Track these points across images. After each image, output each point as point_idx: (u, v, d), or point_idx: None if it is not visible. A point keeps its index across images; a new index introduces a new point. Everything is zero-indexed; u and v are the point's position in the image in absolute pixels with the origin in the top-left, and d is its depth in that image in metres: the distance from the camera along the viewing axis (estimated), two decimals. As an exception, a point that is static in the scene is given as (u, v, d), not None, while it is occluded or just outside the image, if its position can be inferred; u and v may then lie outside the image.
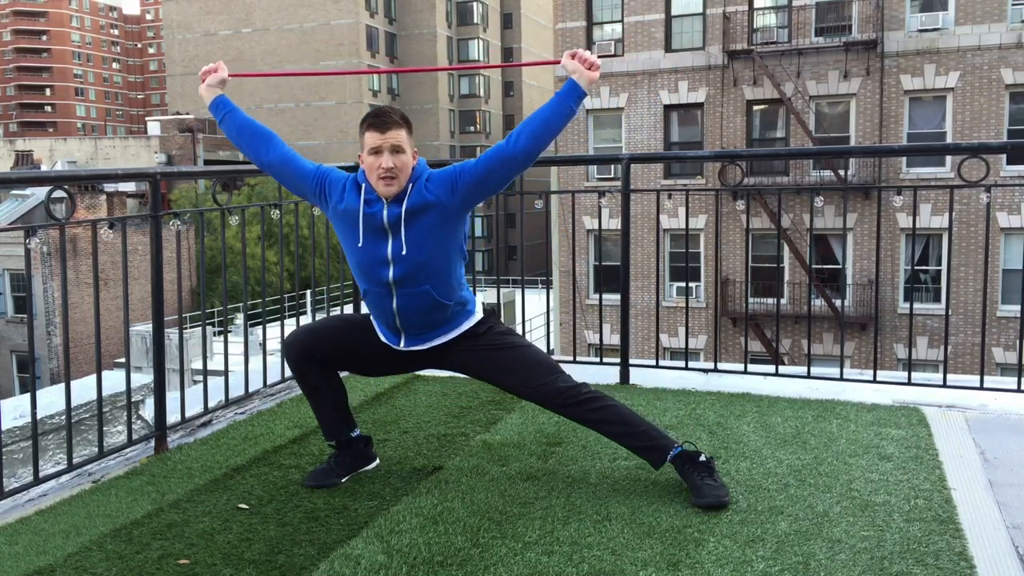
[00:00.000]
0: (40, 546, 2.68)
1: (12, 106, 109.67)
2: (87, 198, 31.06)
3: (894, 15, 21.32)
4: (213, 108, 3.20)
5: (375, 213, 2.95)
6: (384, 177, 2.91)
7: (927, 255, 21.60)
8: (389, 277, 2.97)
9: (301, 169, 3.10)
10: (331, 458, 3.19)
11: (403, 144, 2.92)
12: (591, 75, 2.97)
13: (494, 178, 2.94)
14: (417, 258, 2.94)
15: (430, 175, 2.98)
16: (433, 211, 2.93)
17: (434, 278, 2.98)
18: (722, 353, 21.86)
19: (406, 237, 2.93)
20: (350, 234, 3.01)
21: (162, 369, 3.72)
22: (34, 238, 3.06)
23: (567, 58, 2.99)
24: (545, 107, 2.96)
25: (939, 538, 2.60)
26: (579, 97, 2.95)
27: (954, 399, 4.04)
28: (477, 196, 2.98)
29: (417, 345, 3.10)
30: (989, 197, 3.86)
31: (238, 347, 16.04)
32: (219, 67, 3.23)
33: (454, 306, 3.06)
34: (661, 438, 3.01)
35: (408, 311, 3.01)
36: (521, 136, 2.92)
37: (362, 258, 3.00)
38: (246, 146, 3.16)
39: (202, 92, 3.22)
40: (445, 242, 2.97)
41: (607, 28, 24.21)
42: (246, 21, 54.55)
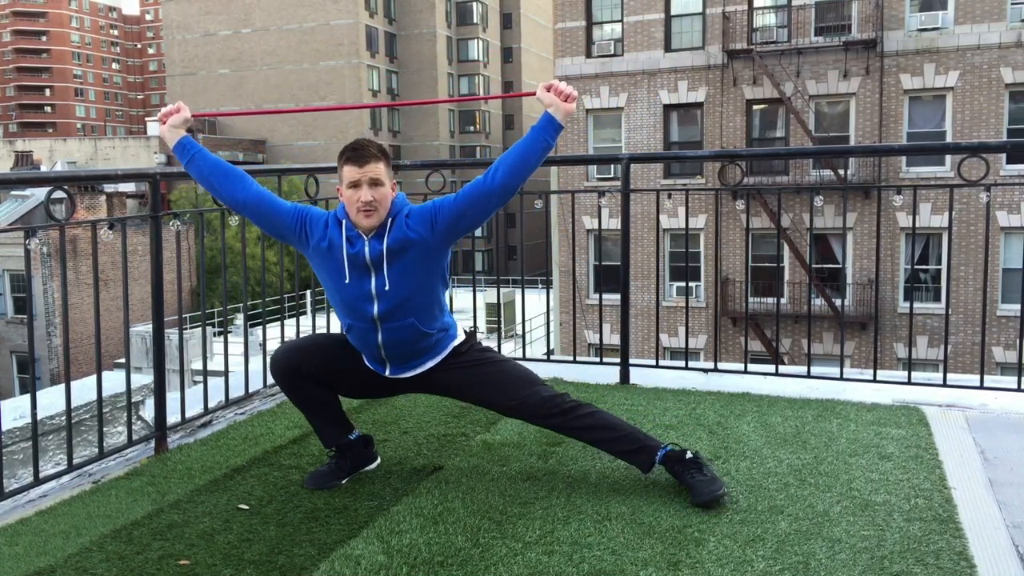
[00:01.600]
0: (40, 547, 2.68)
1: (12, 106, 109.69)
2: (87, 199, 31.06)
3: (894, 14, 21.32)
4: (178, 150, 3.11)
5: (358, 252, 2.94)
6: (364, 210, 2.90)
7: (927, 254, 21.60)
8: (374, 313, 2.97)
9: (279, 208, 3.06)
10: (332, 460, 3.19)
11: (381, 177, 2.92)
12: (567, 107, 2.94)
13: (472, 213, 2.94)
14: (401, 293, 2.95)
15: (410, 211, 2.98)
16: (415, 248, 2.94)
17: (418, 311, 2.99)
18: (722, 353, 21.87)
19: (389, 274, 2.94)
20: (334, 271, 2.99)
21: (162, 369, 3.72)
22: (34, 239, 3.06)
23: (542, 91, 2.97)
24: (522, 141, 2.96)
25: (939, 537, 2.60)
26: (556, 130, 2.94)
27: (954, 398, 4.04)
28: (457, 231, 2.97)
29: (403, 373, 3.11)
30: (989, 196, 3.86)
31: (238, 347, 16.05)
32: (180, 108, 3.14)
33: (437, 333, 3.07)
34: (646, 440, 3.02)
35: (393, 344, 3.02)
36: (499, 171, 2.92)
37: (347, 295, 2.99)
38: (218, 187, 3.09)
39: (163, 133, 3.12)
40: (428, 276, 2.99)
41: (607, 28, 24.22)
42: (246, 21, 54.54)
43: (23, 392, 27.93)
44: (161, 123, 3.14)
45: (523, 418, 3.07)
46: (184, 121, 3.14)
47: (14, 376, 30.19)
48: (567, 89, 2.95)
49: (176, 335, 12.06)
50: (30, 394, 3.17)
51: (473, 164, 4.56)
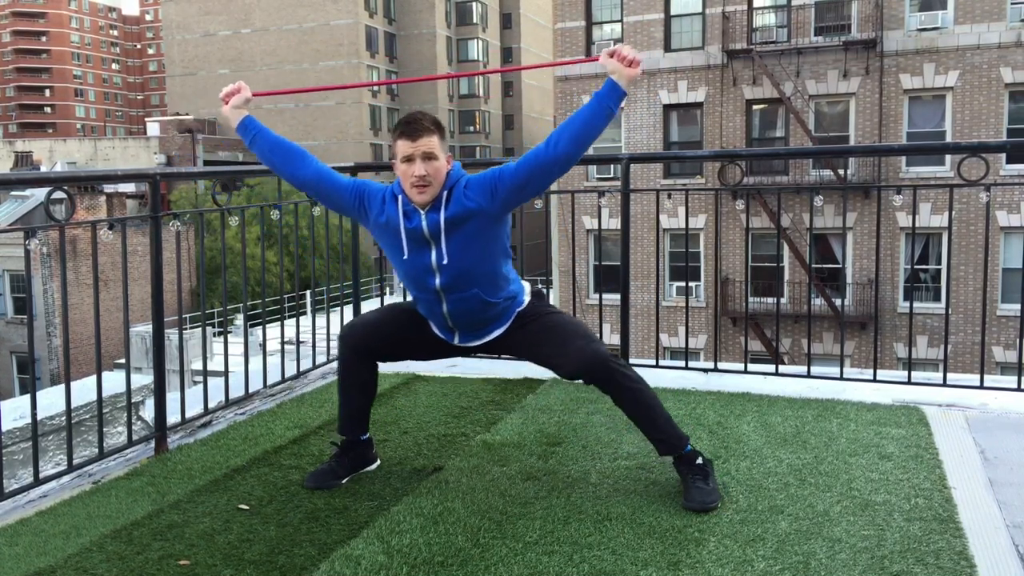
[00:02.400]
0: (40, 547, 2.68)
1: (12, 107, 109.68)
2: (87, 199, 31.06)
3: (893, 14, 21.32)
4: (241, 130, 3.14)
5: (416, 226, 2.92)
6: (417, 185, 2.88)
7: (927, 254, 21.60)
8: (436, 285, 2.96)
9: (338, 185, 3.07)
10: (332, 459, 3.19)
11: (435, 150, 2.88)
12: (631, 73, 2.86)
13: (534, 183, 2.89)
14: (462, 265, 2.92)
15: (468, 181, 2.94)
16: (474, 218, 2.89)
17: (481, 281, 2.96)
18: (722, 353, 21.87)
19: (448, 246, 2.91)
20: (394, 247, 2.99)
21: (162, 370, 3.72)
22: (34, 239, 3.06)
23: (605, 56, 2.88)
24: (584, 109, 2.88)
25: (939, 537, 2.60)
26: (619, 97, 2.86)
27: (954, 398, 4.04)
28: (517, 200, 2.93)
29: (472, 341, 3.12)
30: (989, 196, 3.86)
31: (238, 348, 16.05)
32: (241, 87, 3.15)
33: (503, 302, 3.05)
34: (675, 433, 2.98)
35: (459, 314, 3.02)
36: (560, 140, 2.85)
37: (408, 269, 2.99)
38: (279, 166, 3.12)
39: (226, 113, 3.16)
40: (489, 246, 2.95)
41: (606, 28, 24.22)
42: (245, 21, 54.55)
43: (23, 392, 27.93)
44: (223, 103, 3.15)
45: (575, 371, 2.94)
46: (245, 101, 3.15)
47: (14, 376, 30.18)
48: (631, 54, 2.86)
49: (176, 335, 12.06)
50: (30, 394, 3.17)
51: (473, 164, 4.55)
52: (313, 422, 3.86)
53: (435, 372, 4.74)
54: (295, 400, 4.26)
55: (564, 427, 3.68)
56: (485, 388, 4.33)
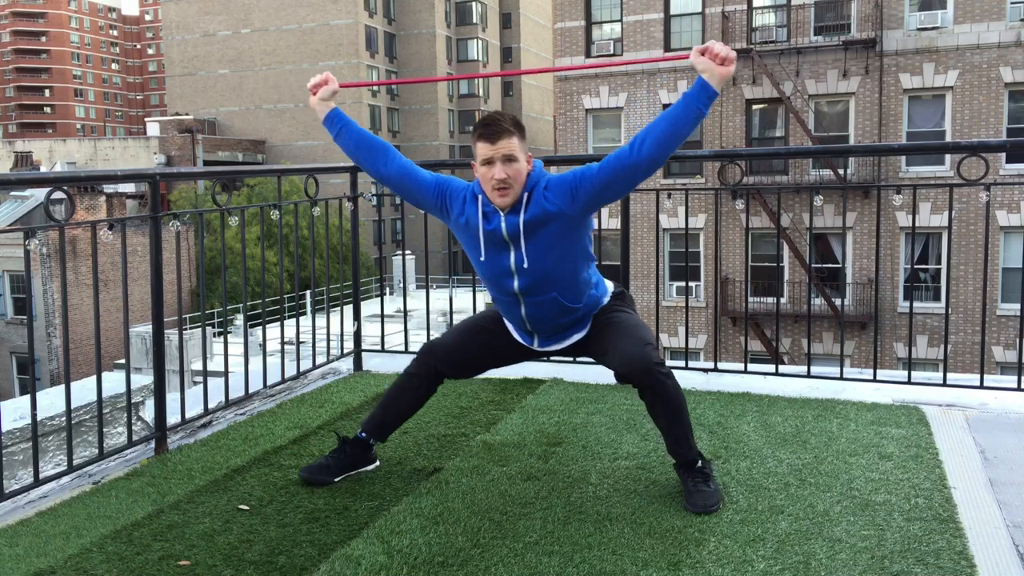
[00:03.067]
0: (40, 548, 2.68)
1: (11, 107, 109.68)
2: (86, 199, 31.07)
3: (893, 14, 21.33)
4: (328, 122, 3.13)
5: (495, 228, 2.89)
6: (498, 188, 2.84)
7: (927, 254, 21.61)
8: (515, 287, 2.94)
9: (421, 181, 3.04)
10: (332, 454, 3.19)
11: (515, 152, 2.82)
12: (724, 71, 2.73)
13: (616, 187, 2.82)
14: (540, 268, 2.89)
15: (548, 182, 2.88)
16: (553, 221, 2.84)
17: (560, 285, 2.92)
18: (722, 353, 21.88)
19: (527, 249, 2.87)
20: (473, 247, 2.97)
21: (162, 370, 3.72)
22: (34, 239, 3.05)
23: (696, 54, 2.76)
24: (672, 110, 2.76)
25: (939, 537, 2.60)
26: (710, 97, 2.74)
27: (954, 398, 4.04)
28: (598, 204, 2.86)
29: (551, 346, 3.10)
30: (988, 195, 3.86)
31: (238, 348, 16.05)
32: (328, 79, 3.13)
33: (584, 307, 3.01)
34: (691, 446, 2.94)
35: (537, 318, 3.00)
36: (645, 143, 2.76)
37: (486, 270, 2.97)
38: (363, 160, 3.10)
39: (314, 105, 3.15)
40: (568, 250, 2.90)
41: (606, 28, 24.23)
42: (245, 22, 54.53)
43: (23, 393, 27.94)
44: (311, 94, 3.15)
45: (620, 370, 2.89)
46: (332, 93, 3.14)
47: (14, 377, 30.18)
48: (724, 51, 2.73)
49: (176, 336, 12.06)
50: (30, 395, 3.16)
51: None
52: (313, 422, 3.86)
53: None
54: (295, 400, 4.25)
55: (564, 427, 3.68)
56: (485, 388, 4.33)
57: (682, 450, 2.94)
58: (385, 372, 4.79)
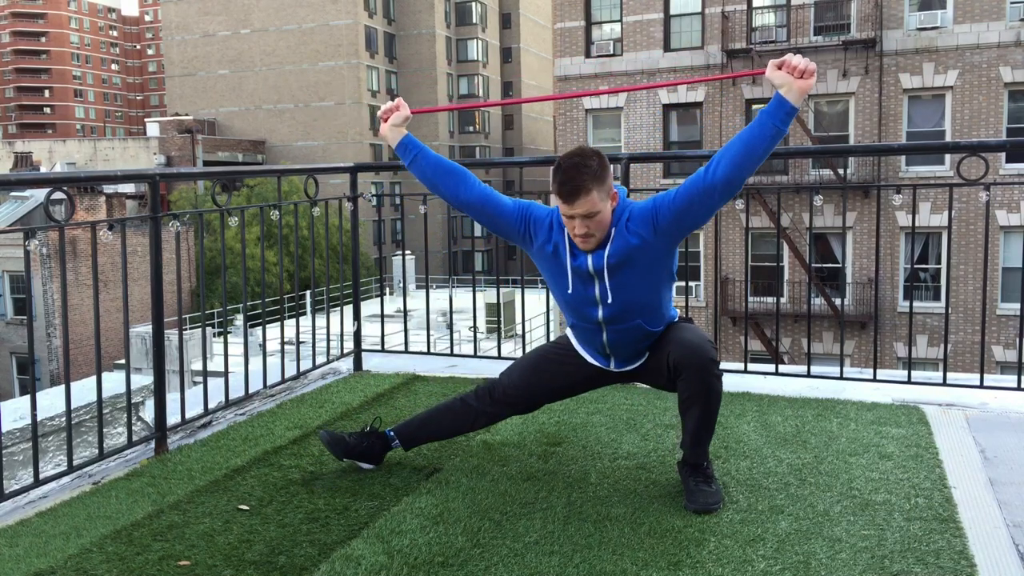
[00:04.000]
0: (40, 548, 2.68)
1: (11, 108, 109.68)
2: (86, 200, 31.07)
3: (892, 14, 21.33)
4: (400, 150, 3.07)
5: (580, 264, 2.85)
6: (580, 237, 2.79)
7: (926, 253, 21.61)
8: (599, 316, 2.91)
9: (502, 208, 2.97)
10: (355, 435, 3.22)
11: (595, 207, 2.72)
12: (803, 85, 2.61)
13: (695, 211, 2.74)
14: (626, 300, 2.86)
15: (631, 214, 2.81)
16: (638, 254, 2.80)
17: (644, 313, 2.89)
18: (722, 352, 21.85)
19: (612, 284, 2.84)
20: (559, 278, 2.92)
21: (162, 370, 3.72)
22: (34, 240, 3.06)
23: (772, 69, 2.66)
24: (748, 129, 2.68)
25: (939, 537, 2.60)
26: (788, 113, 2.63)
27: (954, 397, 4.04)
28: (681, 231, 2.80)
29: (628, 366, 3.05)
30: (988, 195, 3.86)
31: (238, 348, 16.06)
32: (400, 105, 3.09)
33: (662, 330, 2.97)
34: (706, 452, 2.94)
35: (619, 344, 2.96)
36: (721, 164, 2.68)
37: (571, 300, 2.93)
38: (441, 187, 3.03)
39: (385, 133, 3.09)
40: (653, 277, 2.86)
41: (606, 28, 24.23)
42: (245, 22, 54.53)
43: (23, 393, 27.93)
44: (383, 121, 3.10)
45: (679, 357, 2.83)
46: (404, 119, 3.08)
47: (14, 377, 30.19)
48: (803, 64, 2.59)
49: (176, 336, 12.06)
50: (30, 395, 3.16)
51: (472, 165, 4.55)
52: (313, 422, 3.86)
53: (435, 372, 4.74)
54: (295, 400, 4.25)
55: (564, 427, 3.68)
56: (485, 388, 4.33)
57: (698, 451, 2.93)
58: (385, 372, 4.79)
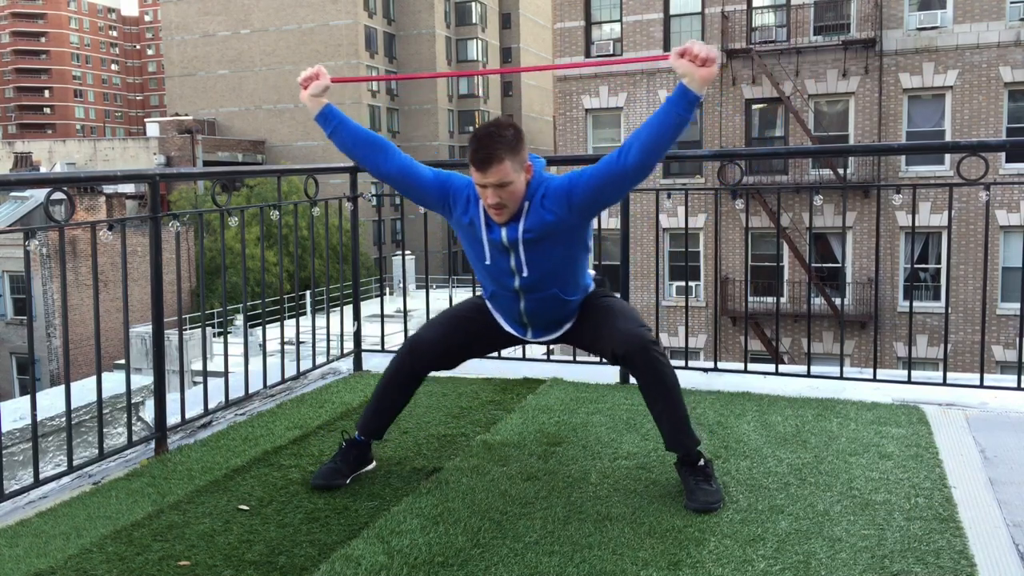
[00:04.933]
0: (40, 548, 2.68)
1: (11, 108, 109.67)
2: (86, 200, 31.07)
3: (892, 13, 21.33)
4: (321, 119, 3.04)
5: (496, 237, 2.89)
6: (492, 208, 2.82)
7: (926, 253, 21.61)
8: (516, 285, 2.95)
9: (423, 179, 2.99)
10: (336, 457, 3.18)
11: (507, 177, 2.75)
12: (705, 74, 2.63)
13: (608, 192, 2.81)
14: (543, 270, 2.90)
15: (547, 190, 2.84)
16: (553, 230, 2.84)
17: (561, 281, 2.95)
18: (722, 352, 21.88)
19: (528, 256, 2.88)
20: (477, 249, 2.97)
21: (162, 370, 3.72)
22: (33, 240, 3.05)
23: (675, 56, 2.66)
24: (655, 116, 2.72)
25: (940, 536, 2.59)
26: (691, 103, 2.66)
27: (954, 397, 4.04)
28: (595, 209, 2.86)
29: (545, 336, 3.11)
30: (988, 195, 3.86)
31: (238, 348, 16.04)
32: (319, 73, 3.03)
33: (578, 298, 3.04)
34: (689, 434, 2.93)
35: (536, 312, 3.01)
36: (632, 150, 2.73)
37: (490, 269, 2.97)
38: (361, 158, 3.04)
39: (305, 101, 3.06)
40: (569, 250, 2.92)
41: (606, 28, 24.23)
42: (245, 22, 54.53)
43: (23, 393, 27.92)
44: (302, 89, 3.06)
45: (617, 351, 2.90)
46: (324, 89, 3.04)
47: (14, 377, 30.19)
48: (704, 51, 2.61)
49: (176, 336, 12.05)
50: (30, 395, 3.16)
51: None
52: (313, 422, 3.86)
53: (435, 372, 4.73)
54: (295, 400, 4.25)
55: (564, 427, 3.68)
56: (485, 388, 4.33)
57: (682, 437, 2.92)
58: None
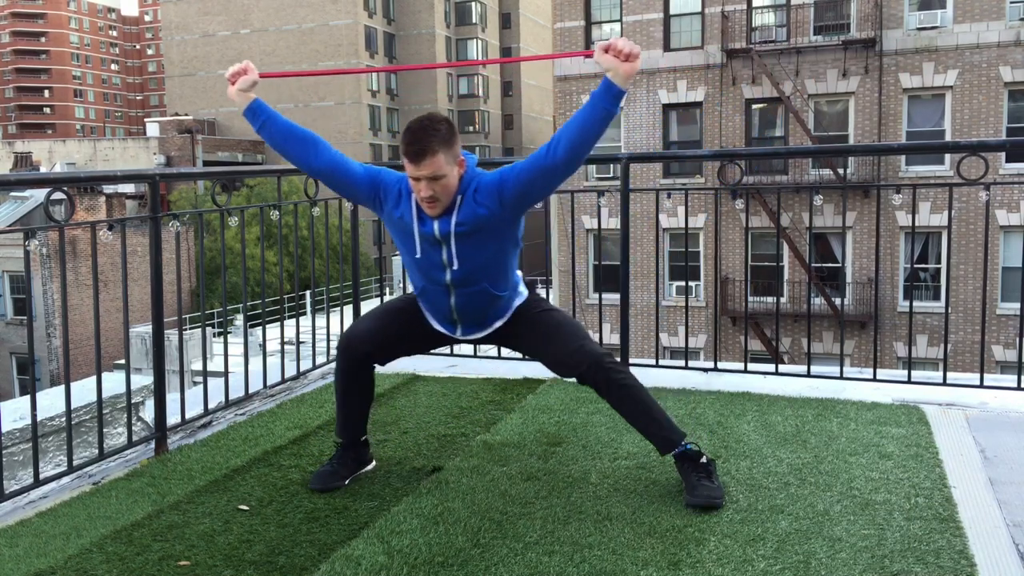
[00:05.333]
0: (40, 548, 2.68)
1: (11, 108, 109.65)
2: (86, 200, 31.06)
3: (892, 13, 21.32)
4: (249, 114, 3.02)
5: (428, 231, 2.90)
6: (425, 202, 2.84)
7: (926, 253, 21.60)
8: (446, 279, 2.96)
9: (352, 174, 3.00)
10: (333, 459, 3.18)
11: (440, 170, 2.78)
12: (628, 68, 2.69)
13: (538, 187, 2.85)
14: (473, 265, 2.92)
15: (479, 185, 2.87)
16: (485, 224, 2.87)
17: (491, 276, 2.96)
18: (722, 352, 21.88)
19: (460, 248, 2.90)
20: (407, 243, 2.97)
21: (162, 370, 3.72)
22: (33, 240, 3.05)
23: (599, 52, 2.72)
24: (581, 111, 2.77)
25: (940, 536, 2.60)
26: (616, 96, 2.71)
27: (954, 397, 4.04)
28: (524, 204, 2.88)
29: (474, 333, 3.12)
30: (988, 195, 3.86)
31: (238, 348, 16.05)
32: (248, 68, 3.02)
33: (508, 294, 3.05)
34: (672, 429, 2.98)
35: (466, 308, 3.02)
36: (559, 145, 2.77)
37: (420, 263, 2.98)
38: (292, 153, 3.04)
39: (232, 96, 3.05)
40: (500, 244, 2.94)
41: (605, 28, 24.22)
42: (244, 22, 54.53)
43: (23, 393, 27.91)
44: (230, 83, 3.04)
45: (571, 370, 2.97)
46: (252, 84, 3.02)
47: (14, 377, 30.18)
48: (627, 47, 2.68)
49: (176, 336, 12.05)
50: (30, 395, 3.16)
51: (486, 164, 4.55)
52: (313, 422, 3.86)
53: (435, 372, 4.74)
54: (295, 400, 4.25)
55: (564, 427, 3.68)
56: (485, 388, 4.33)
57: (670, 435, 2.96)
58: (385, 372, 4.78)
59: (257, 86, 3.04)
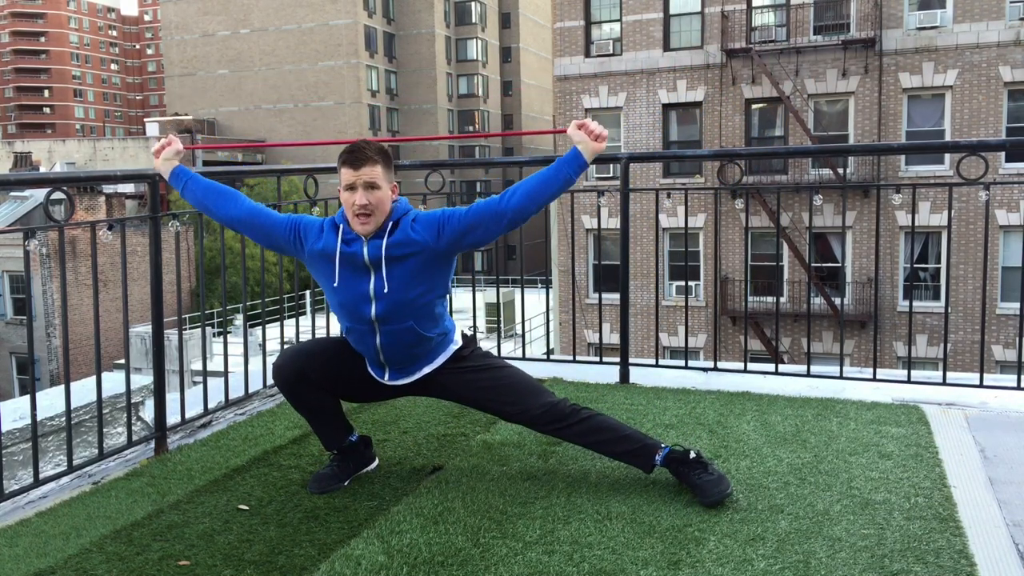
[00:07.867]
0: (40, 548, 2.68)
1: (11, 108, 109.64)
2: (86, 200, 31.06)
3: (892, 13, 21.32)
4: (173, 179, 3.21)
5: (355, 252, 2.92)
6: (359, 214, 2.87)
7: (926, 253, 21.60)
8: (372, 314, 2.94)
9: (272, 220, 3.08)
10: (332, 462, 3.18)
11: (378, 180, 2.87)
12: (596, 147, 2.97)
13: (481, 230, 2.91)
14: (401, 296, 2.92)
15: (417, 216, 2.96)
16: (418, 252, 2.91)
17: (418, 314, 2.96)
18: (722, 352, 21.88)
19: (389, 275, 2.91)
20: (327, 273, 2.98)
21: (162, 370, 3.72)
22: (33, 240, 3.06)
23: (573, 128, 2.98)
24: (545, 171, 2.95)
25: (939, 536, 2.60)
26: (580, 167, 2.95)
27: (954, 397, 4.04)
28: (462, 244, 2.93)
29: (401, 379, 3.10)
30: (988, 195, 3.86)
31: (238, 348, 16.04)
32: (171, 141, 3.25)
33: (436, 337, 3.05)
34: (646, 440, 3.02)
35: (392, 347, 3.01)
36: (516, 194, 2.91)
37: (343, 297, 2.97)
38: (212, 207, 3.14)
39: (159, 167, 3.25)
40: (430, 282, 2.96)
41: (605, 27, 24.22)
42: (244, 22, 54.52)
43: (23, 393, 27.92)
44: (155, 157, 3.24)
45: (523, 424, 3.08)
46: (176, 153, 3.27)
47: (14, 377, 30.18)
48: (598, 129, 2.96)
49: (176, 336, 12.06)
50: (30, 395, 3.16)
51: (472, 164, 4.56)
52: (313, 422, 3.86)
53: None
54: (295, 400, 4.25)
55: (564, 427, 3.67)
56: (485, 388, 4.32)
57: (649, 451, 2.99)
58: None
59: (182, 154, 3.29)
